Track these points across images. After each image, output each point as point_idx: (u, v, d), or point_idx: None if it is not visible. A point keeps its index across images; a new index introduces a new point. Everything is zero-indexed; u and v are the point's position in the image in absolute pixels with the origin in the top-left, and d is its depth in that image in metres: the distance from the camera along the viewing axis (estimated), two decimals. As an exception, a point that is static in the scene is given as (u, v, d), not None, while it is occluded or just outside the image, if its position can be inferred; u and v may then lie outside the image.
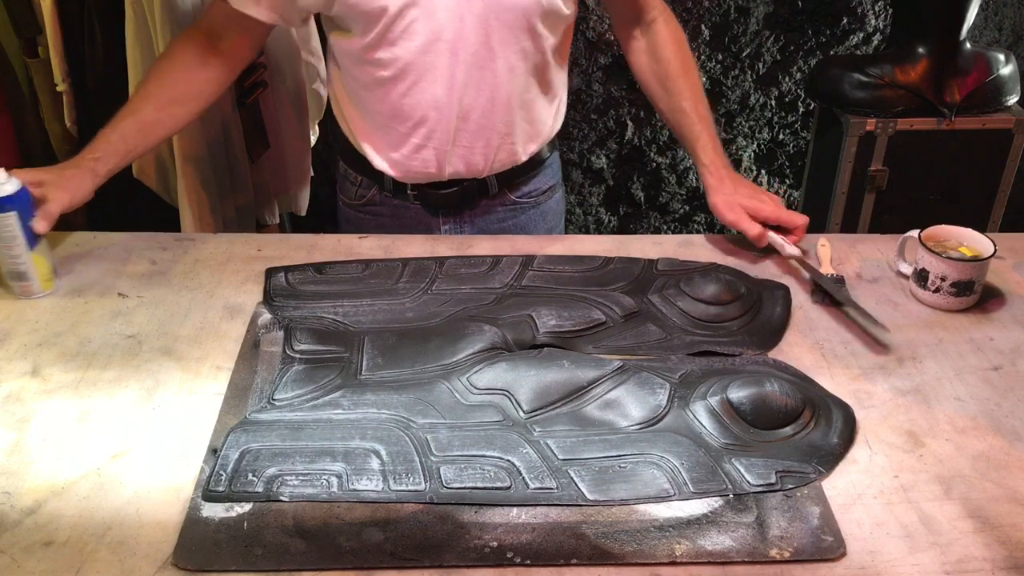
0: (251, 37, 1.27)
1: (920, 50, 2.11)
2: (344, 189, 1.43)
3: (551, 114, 1.36)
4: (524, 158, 1.35)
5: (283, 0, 1.20)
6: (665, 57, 1.35)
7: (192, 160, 1.82)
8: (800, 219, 1.25)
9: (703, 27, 2.31)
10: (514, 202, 1.39)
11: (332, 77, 1.35)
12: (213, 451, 0.91)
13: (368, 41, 1.19)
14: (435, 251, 1.27)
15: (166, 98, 1.24)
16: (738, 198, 1.27)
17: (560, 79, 1.35)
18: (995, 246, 1.13)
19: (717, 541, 0.82)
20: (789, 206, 2.62)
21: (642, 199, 2.56)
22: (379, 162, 1.32)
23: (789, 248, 1.23)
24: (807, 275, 1.20)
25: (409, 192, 1.34)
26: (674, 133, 1.38)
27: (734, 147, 2.51)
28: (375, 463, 0.89)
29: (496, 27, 1.19)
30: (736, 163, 2.54)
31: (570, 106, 2.36)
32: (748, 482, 0.87)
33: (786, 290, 1.18)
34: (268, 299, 1.15)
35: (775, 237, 1.25)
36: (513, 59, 1.22)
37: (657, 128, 2.45)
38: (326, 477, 0.87)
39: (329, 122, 1.62)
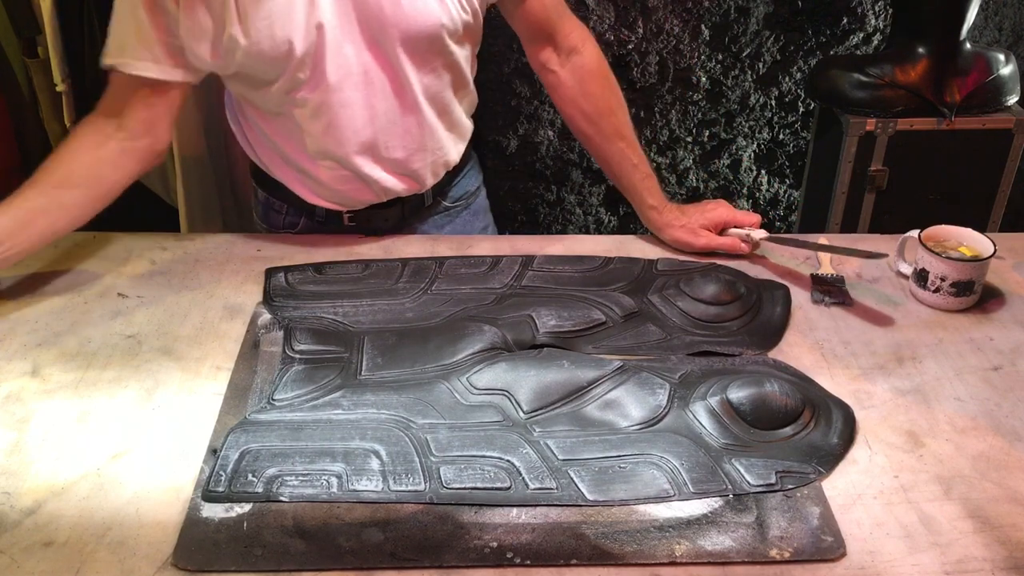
0: (150, 110, 1.13)
1: (920, 50, 2.11)
2: (268, 218, 1.36)
3: (469, 108, 1.33)
4: (456, 161, 1.33)
5: (173, 54, 1.09)
6: (593, 93, 1.28)
7: (192, 160, 1.82)
8: (754, 217, 1.26)
9: (703, 27, 2.31)
10: (448, 208, 1.38)
11: (235, 117, 1.29)
12: (213, 451, 0.91)
13: (277, 87, 1.13)
14: (435, 251, 1.27)
15: (52, 181, 1.10)
16: (694, 222, 1.26)
17: (472, 73, 1.29)
18: (995, 246, 1.13)
19: (717, 541, 0.82)
20: (789, 206, 2.63)
21: (642, 199, 2.56)
22: (311, 197, 1.28)
23: (755, 233, 1.25)
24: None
25: (345, 216, 1.30)
26: (608, 171, 1.33)
27: (734, 147, 2.51)
28: (375, 463, 0.89)
29: (406, 55, 1.15)
30: (736, 163, 2.54)
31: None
32: (748, 482, 0.87)
33: (786, 290, 1.18)
34: (268, 299, 1.15)
35: (739, 231, 1.26)
36: (427, 80, 1.19)
37: (657, 128, 2.45)
38: (326, 477, 0.87)
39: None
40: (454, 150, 1.31)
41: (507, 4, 1.25)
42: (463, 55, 1.22)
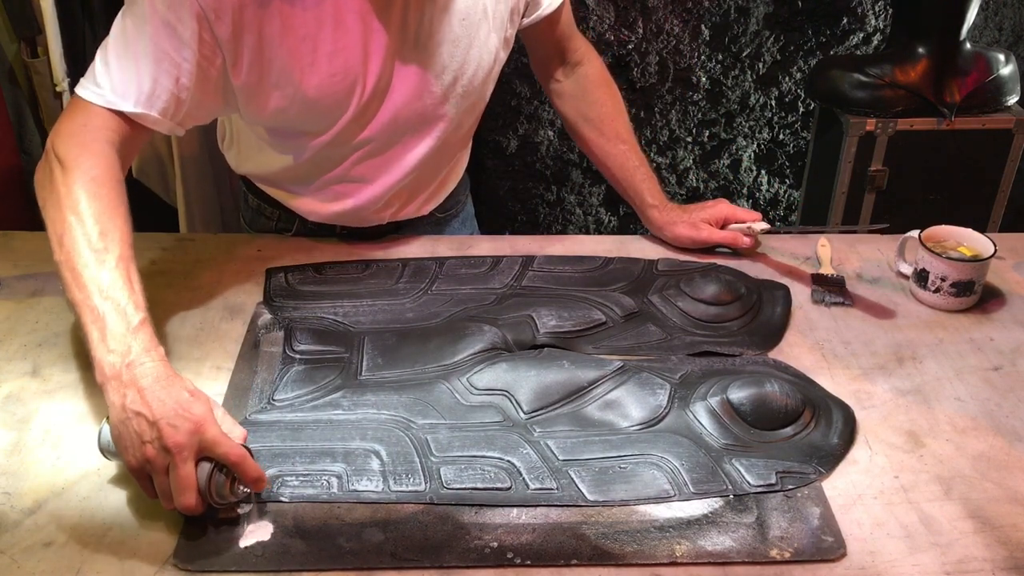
0: (145, 141, 1.07)
1: (920, 50, 2.11)
2: (257, 223, 1.34)
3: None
4: (455, 184, 1.35)
5: (200, 112, 1.05)
6: (598, 99, 1.32)
7: (192, 160, 1.82)
8: (754, 214, 1.26)
9: (703, 27, 2.31)
10: (438, 218, 1.38)
11: (232, 141, 1.26)
12: (213, 451, 0.91)
13: (329, 133, 1.12)
14: (435, 251, 1.27)
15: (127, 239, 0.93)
16: (696, 217, 1.26)
17: None
18: (995, 246, 1.13)
19: (717, 541, 0.82)
20: (789, 206, 2.64)
21: (642, 199, 2.56)
22: (310, 216, 1.26)
23: (756, 225, 1.24)
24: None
25: (338, 229, 1.30)
26: (609, 174, 1.34)
27: (734, 147, 2.51)
28: (375, 464, 0.89)
29: (457, 102, 1.16)
30: (736, 163, 2.54)
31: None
32: (748, 482, 0.87)
33: (786, 290, 1.18)
34: (268, 299, 1.15)
35: (739, 225, 1.26)
36: (462, 118, 1.20)
37: (657, 128, 2.45)
38: (326, 478, 0.87)
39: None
40: (458, 174, 1.35)
41: (528, 28, 1.25)
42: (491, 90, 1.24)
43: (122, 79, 0.98)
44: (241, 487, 0.82)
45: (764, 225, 1.24)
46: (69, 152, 0.94)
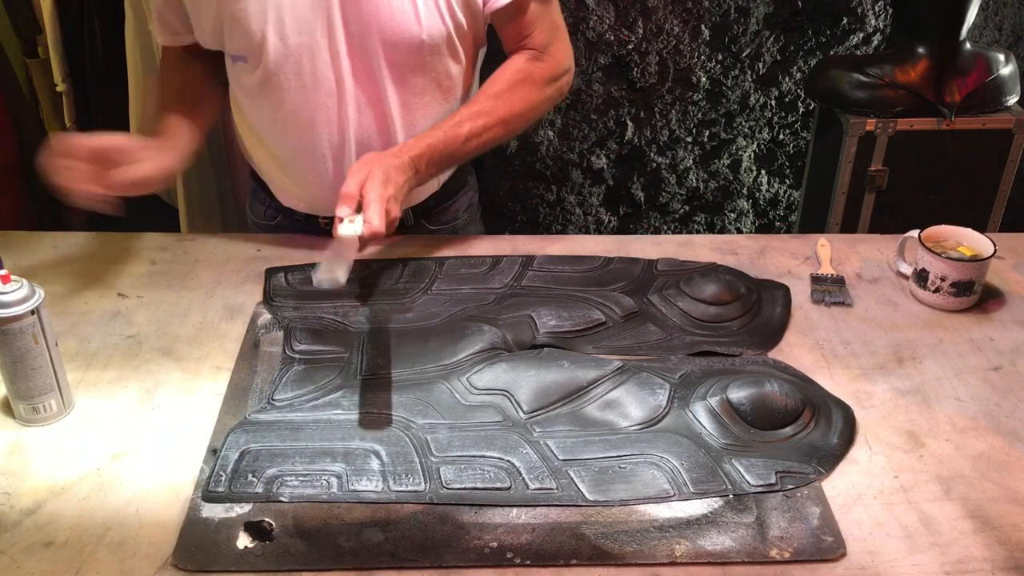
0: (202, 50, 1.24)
1: (920, 50, 2.11)
2: (253, 207, 1.40)
3: None
4: (437, 187, 1.31)
5: (184, 24, 1.21)
6: (495, 76, 1.21)
7: (192, 160, 1.82)
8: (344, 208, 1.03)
9: (703, 27, 2.31)
10: (431, 231, 1.35)
11: (233, 107, 1.31)
12: (213, 451, 0.91)
13: (256, 77, 1.17)
14: (435, 251, 1.27)
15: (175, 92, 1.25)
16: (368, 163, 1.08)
17: (465, 90, 1.26)
18: (995, 246, 1.13)
19: (717, 541, 0.82)
20: (789, 206, 2.63)
21: (642, 199, 2.56)
22: (285, 198, 1.30)
23: (343, 228, 1.00)
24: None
25: (321, 221, 1.30)
26: None
27: (734, 147, 2.51)
28: (375, 463, 0.89)
29: (387, 68, 1.15)
30: (736, 163, 2.54)
31: (570, 106, 2.37)
32: (748, 482, 0.87)
33: (786, 290, 1.18)
34: (268, 299, 1.15)
35: (341, 211, 1.01)
36: (406, 96, 1.18)
37: (657, 128, 2.45)
38: (326, 478, 0.87)
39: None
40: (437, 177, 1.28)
41: (500, 18, 1.20)
42: (455, 70, 1.20)
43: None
44: None
45: (353, 232, 1.00)
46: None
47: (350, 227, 0.99)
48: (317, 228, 1.31)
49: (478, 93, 1.21)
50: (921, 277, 1.15)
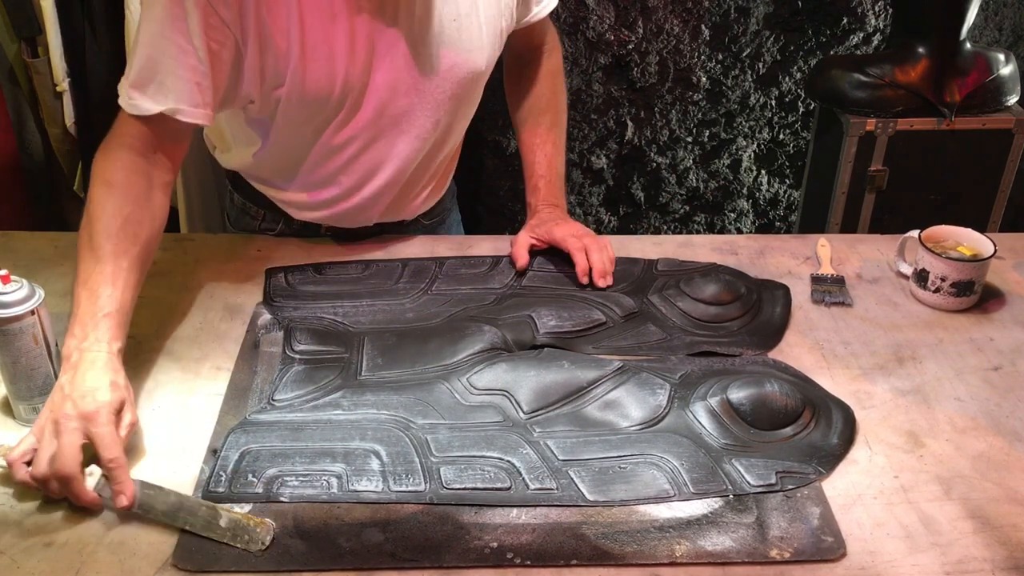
0: (181, 147, 1.09)
1: (920, 50, 2.11)
2: (241, 223, 1.33)
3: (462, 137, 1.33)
4: (443, 191, 1.36)
5: (225, 98, 1.06)
6: (538, 91, 1.34)
7: (192, 160, 1.82)
8: (582, 262, 1.18)
9: (703, 27, 2.31)
10: (424, 225, 1.37)
11: (218, 133, 1.26)
12: (213, 451, 0.91)
13: (316, 125, 1.13)
14: (435, 251, 1.27)
15: (132, 252, 0.99)
16: (538, 232, 1.24)
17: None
18: (995, 246, 1.13)
19: (717, 541, 0.82)
20: (789, 206, 2.63)
21: (642, 199, 2.56)
22: (296, 213, 1.26)
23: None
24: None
25: (323, 229, 1.30)
26: (522, 159, 1.35)
27: (734, 147, 2.51)
28: (375, 464, 0.89)
29: (447, 101, 1.16)
30: (736, 163, 2.54)
31: (570, 106, 2.36)
32: (748, 483, 0.87)
33: (786, 290, 1.18)
34: (268, 299, 1.15)
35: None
36: (451, 120, 1.20)
37: (657, 128, 2.45)
38: (326, 478, 0.87)
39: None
40: (447, 180, 1.35)
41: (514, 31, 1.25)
42: (477, 96, 1.24)
43: (139, 78, 1.02)
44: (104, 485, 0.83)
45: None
46: (96, 157, 1.03)
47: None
48: (316, 234, 1.30)
49: (531, 106, 1.33)
50: (921, 277, 1.15)
